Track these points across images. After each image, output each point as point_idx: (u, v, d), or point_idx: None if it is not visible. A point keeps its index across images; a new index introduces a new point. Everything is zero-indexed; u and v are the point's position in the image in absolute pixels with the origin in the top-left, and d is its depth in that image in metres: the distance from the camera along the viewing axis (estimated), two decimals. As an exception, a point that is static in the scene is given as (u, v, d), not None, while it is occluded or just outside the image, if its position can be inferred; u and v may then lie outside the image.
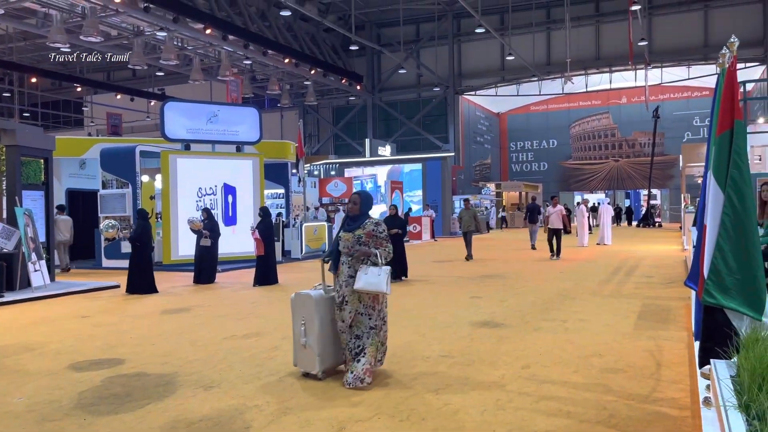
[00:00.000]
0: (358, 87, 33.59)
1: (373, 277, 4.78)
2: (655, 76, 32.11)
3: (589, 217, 22.05)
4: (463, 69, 35.06)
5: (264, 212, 11.71)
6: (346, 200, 25.47)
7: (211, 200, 14.95)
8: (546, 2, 32.03)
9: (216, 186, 15.15)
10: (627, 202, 41.85)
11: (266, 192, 17.49)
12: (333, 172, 30.75)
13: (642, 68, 29.28)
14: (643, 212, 34.82)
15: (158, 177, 16.05)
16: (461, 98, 35.26)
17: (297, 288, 10.67)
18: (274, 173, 18.15)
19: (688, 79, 32.56)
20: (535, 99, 38.03)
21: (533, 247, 18.67)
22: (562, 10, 27.91)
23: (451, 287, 10.77)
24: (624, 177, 39.65)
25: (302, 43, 30.20)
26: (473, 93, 35.73)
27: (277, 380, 5.12)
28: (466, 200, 17.44)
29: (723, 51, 3.91)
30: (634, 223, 36.72)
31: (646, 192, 36.43)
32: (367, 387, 4.82)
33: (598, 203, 25.77)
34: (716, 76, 4.02)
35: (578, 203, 23.52)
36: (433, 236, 25.19)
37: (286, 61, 26.46)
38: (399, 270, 11.47)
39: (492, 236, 27.42)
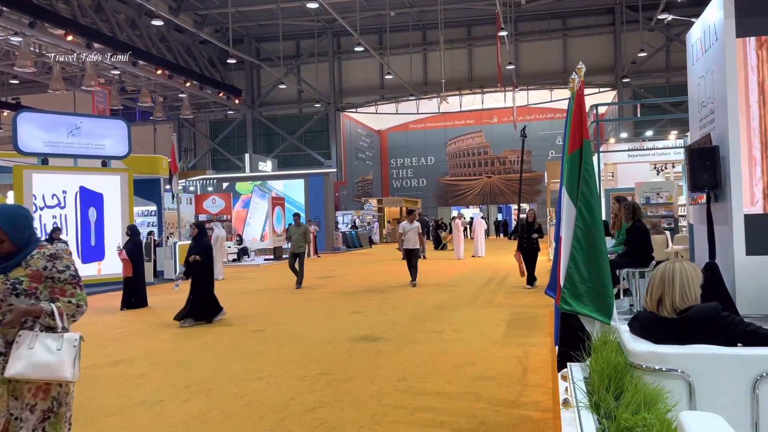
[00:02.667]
0: (237, 101, 32.85)
1: (43, 354, 2.63)
2: (522, 97, 34.36)
3: (465, 231, 22.99)
4: (344, 86, 35.45)
5: (132, 231, 11.02)
6: (226, 217, 24.70)
7: (60, 215, 13.73)
8: (422, 24, 33.26)
9: (65, 195, 13.87)
10: (500, 216, 44.26)
11: (137, 209, 16.50)
12: (210, 188, 29.69)
13: (510, 90, 31.21)
14: (514, 225, 37.00)
15: (10, 194, 14.61)
16: (343, 115, 35.59)
17: (168, 311, 10.18)
18: (145, 189, 17.18)
19: (551, 101, 35.15)
20: (413, 117, 39.26)
21: (423, 257, 19.07)
22: (437, 32, 29.14)
23: (332, 303, 10.73)
24: (496, 192, 41.88)
25: (176, 54, 29.04)
26: (354, 110, 36.22)
27: (143, 411, 4.79)
28: (296, 215, 14.66)
29: (573, 76, 4.24)
30: (500, 235, 38.94)
31: (516, 206, 38.73)
32: None
33: (473, 218, 27.01)
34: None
35: (453, 218, 24.48)
36: (316, 252, 25.06)
37: (159, 72, 25.29)
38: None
39: (374, 251, 27.80)
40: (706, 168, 7.02)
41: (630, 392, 2.62)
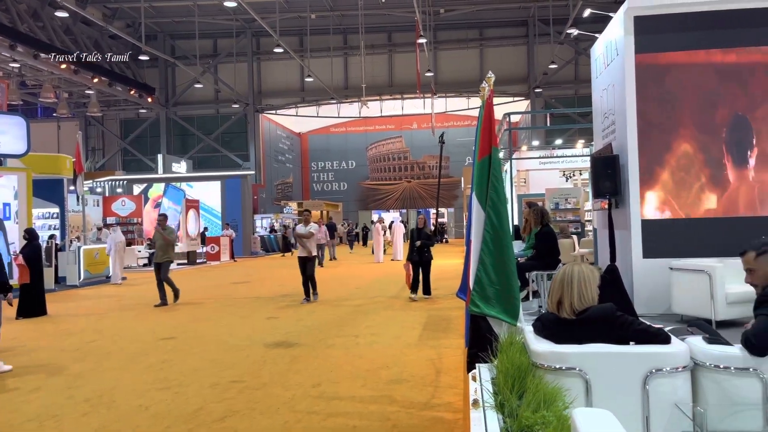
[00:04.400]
0: (150, 99, 31.56)
1: None
2: (441, 104, 35.11)
3: (384, 234, 23.17)
4: (263, 87, 34.88)
5: (30, 234, 10.32)
6: (137, 220, 23.62)
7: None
8: (342, 28, 33.30)
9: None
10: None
11: (36, 211, 15.45)
12: (120, 189, 28.32)
13: (429, 97, 31.80)
14: (432, 229, 37.70)
15: None
16: (262, 116, 34.99)
17: (69, 320, 9.61)
18: (47, 190, 16.13)
19: (468, 109, 36.13)
20: (334, 121, 39.22)
21: (320, 265, 18.85)
22: (358, 37, 29.27)
23: (248, 308, 10.48)
24: (416, 197, 42.53)
25: (83, 48, 27.53)
26: (274, 112, 35.71)
27: (36, 427, 4.47)
28: (162, 216, 11.87)
29: (483, 85, 4.35)
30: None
31: (434, 210, 39.51)
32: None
33: (393, 222, 27.27)
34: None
35: (373, 221, 24.63)
36: (232, 257, 24.45)
37: (63, 66, 23.87)
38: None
39: (293, 255, 27.47)
40: (608, 176, 7.45)
41: (531, 391, 2.71)
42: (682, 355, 2.90)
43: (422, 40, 25.24)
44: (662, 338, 3.00)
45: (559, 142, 26.87)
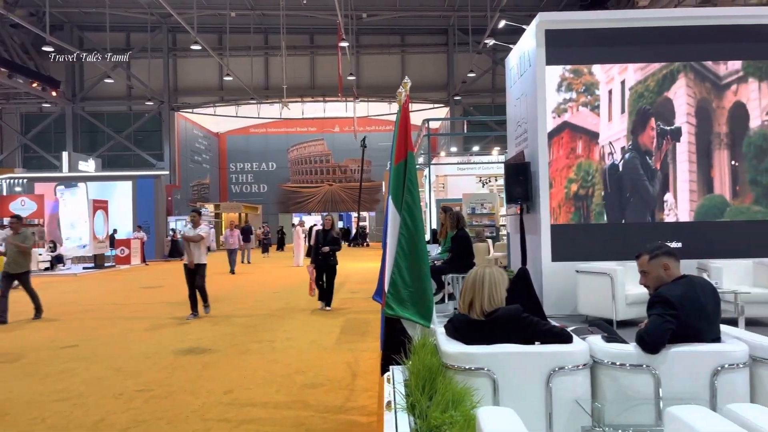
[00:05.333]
0: (54, 93, 29.75)
1: None
2: (363, 108, 35.26)
3: (305, 238, 22.94)
4: (179, 85, 33.71)
5: None
6: (38, 221, 22.16)
7: None
8: (263, 28, 32.77)
9: None
10: (340, 224, 44.87)
11: None
12: (19, 188, 26.46)
13: (351, 101, 31.87)
14: (354, 233, 37.76)
15: None
16: (178, 115, 33.79)
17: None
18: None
19: (390, 114, 36.49)
20: (254, 121, 38.48)
21: (232, 272, 18.18)
22: (279, 37, 28.90)
23: (157, 314, 10.07)
24: (337, 200, 42.44)
25: (-20, 35, 25.60)
26: (191, 110, 34.58)
27: None
28: (15, 219, 10.13)
29: (400, 90, 4.39)
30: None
31: (356, 214, 39.56)
32: (39, 438, 4.14)
33: (314, 225, 27.08)
34: (412, 113, 4.50)
35: (294, 225, 24.35)
36: (144, 260, 23.43)
37: (-43, 54, 22.09)
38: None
39: (208, 258, 26.65)
40: (520, 182, 7.71)
41: (441, 392, 2.75)
42: (582, 354, 3.03)
43: (344, 44, 25.28)
44: (565, 338, 3.13)
45: (476, 149, 27.65)
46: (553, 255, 7.45)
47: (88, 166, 28.57)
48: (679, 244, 7.07)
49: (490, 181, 20.61)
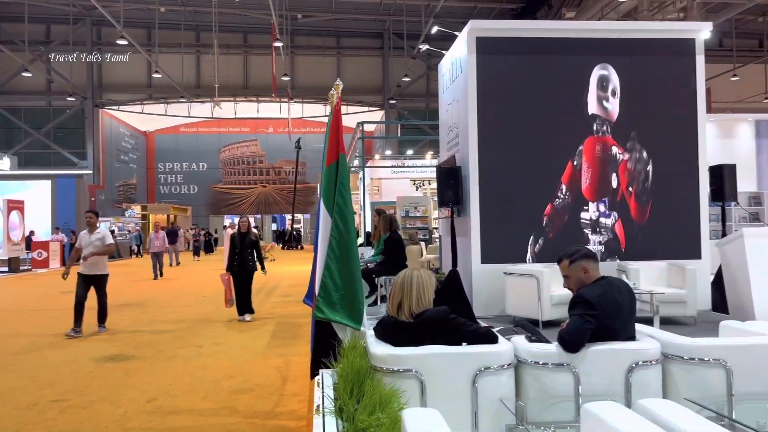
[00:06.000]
0: (-34, 86, 27.91)
1: None
2: (297, 110, 34.95)
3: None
4: (104, 81, 32.36)
5: None
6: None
7: None
8: (195, 25, 31.94)
9: None
10: (274, 226, 44.30)
11: None
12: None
13: (286, 101, 31.54)
14: (288, 235, 37.33)
15: None
16: (102, 112, 32.40)
17: None
18: None
19: (325, 115, 36.32)
20: (185, 120, 37.40)
21: (158, 276, 17.30)
22: (211, 35, 28.25)
23: (79, 320, 9.59)
24: (271, 202, 41.85)
25: None
26: (116, 108, 33.24)
27: None
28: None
29: (332, 92, 4.38)
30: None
31: (290, 216, 39.13)
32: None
33: (228, 227, 26.57)
34: (345, 115, 4.49)
35: (225, 227, 23.84)
36: (63, 263, 22.28)
37: None
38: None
39: (135, 261, 25.68)
40: (451, 186, 7.84)
41: (368, 394, 2.75)
42: (507, 354, 3.11)
43: (278, 44, 25.00)
44: (490, 338, 3.20)
45: (410, 152, 27.95)
46: (483, 257, 7.62)
47: (3, 163, 26.92)
48: (602, 247, 7.39)
49: (423, 184, 20.87)
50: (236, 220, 11.35)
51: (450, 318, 3.22)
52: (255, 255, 9.45)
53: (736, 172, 7.76)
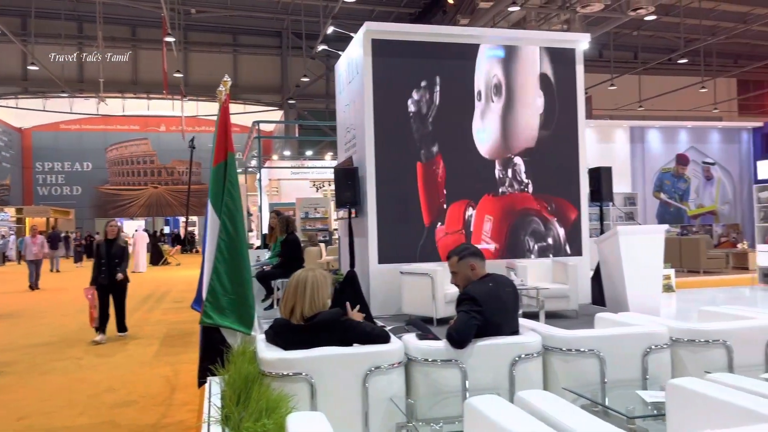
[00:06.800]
0: None
1: None
2: (191, 107, 33.64)
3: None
4: (-29, 71, 29.52)
5: None
6: None
7: None
8: (77, 15, 29.86)
9: None
10: (167, 229, 42.34)
11: None
12: None
13: (178, 99, 30.26)
14: (182, 238, 35.84)
15: None
16: (-30, 106, 29.54)
17: None
18: None
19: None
20: (66, 117, 34.87)
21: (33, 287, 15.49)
22: (95, 26, 26.53)
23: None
24: (163, 204, 39.99)
25: None
26: (-14, 101, 30.43)
27: None
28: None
29: (220, 88, 4.23)
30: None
31: (184, 219, 37.61)
32: None
33: (136, 230, 25.22)
34: (245, 114, 4.33)
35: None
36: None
37: None
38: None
39: (9, 269, 23.59)
40: (348, 187, 7.84)
41: (254, 400, 2.67)
42: (397, 353, 3.14)
43: (170, 39, 23.92)
44: (382, 338, 3.21)
45: (309, 153, 27.77)
46: (380, 257, 7.69)
47: None
48: (492, 246, 7.69)
49: (324, 185, 20.80)
50: (121, 223, 10.31)
51: (342, 320, 3.19)
52: (124, 265, 8.12)
53: (612, 174, 8.34)
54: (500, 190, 7.90)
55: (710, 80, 25.17)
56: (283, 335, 3.21)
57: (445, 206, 7.76)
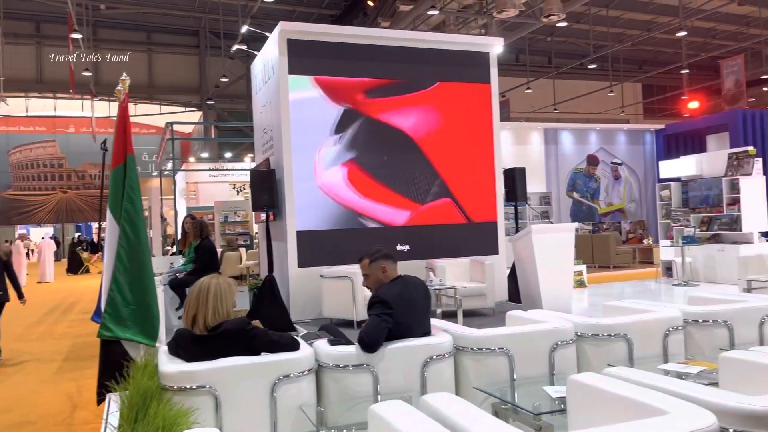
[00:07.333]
0: None
1: None
2: (103, 108, 32.01)
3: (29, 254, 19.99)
4: None
5: None
6: None
7: None
8: (-26, 8, 27.81)
9: None
10: (76, 235, 40.09)
11: None
12: None
13: (88, 99, 28.74)
14: (96, 244, 34.08)
15: None
16: None
17: None
18: None
19: (136, 115, 33.80)
20: (-38, 117, 32.38)
21: None
22: (-5, 21, 24.77)
23: None
24: (74, 209, 37.82)
25: None
26: None
27: None
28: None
29: (118, 87, 4.00)
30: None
31: (96, 225, 35.75)
32: None
33: (43, 237, 23.73)
34: (161, 115, 4.10)
35: (18, 238, 21.08)
36: None
37: None
38: None
39: None
40: (265, 189, 7.66)
41: (151, 417, 2.52)
42: (307, 360, 3.06)
43: (77, 35, 22.67)
44: (291, 346, 3.12)
45: (229, 155, 27.11)
46: (299, 261, 7.56)
47: None
48: (406, 246, 7.73)
49: (244, 188, 20.31)
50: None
51: (248, 328, 3.07)
52: (7, 279, 7.30)
53: (525, 174, 8.58)
54: (417, 190, 7.95)
55: (618, 85, 26.54)
56: (186, 347, 3.06)
57: (364, 207, 7.73)
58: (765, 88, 24.78)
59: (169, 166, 17.98)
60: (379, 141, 7.89)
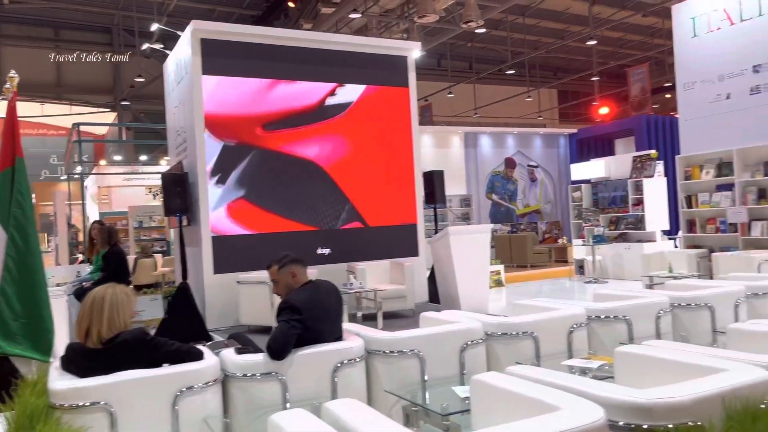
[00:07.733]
0: None
1: None
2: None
3: None
4: None
5: None
6: None
7: None
8: None
9: None
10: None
11: None
12: None
13: (-11, 98, 26.85)
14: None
15: None
16: None
17: None
18: None
19: (43, 116, 31.87)
20: None
21: None
22: None
23: None
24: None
25: None
26: None
27: None
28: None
29: (6, 86, 3.73)
30: None
31: None
32: None
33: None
34: (71, 115, 3.82)
35: None
36: None
37: None
38: None
39: None
40: (178, 193, 7.39)
41: (33, 441, 2.34)
42: (212, 370, 2.94)
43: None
44: (194, 356, 2.99)
45: (144, 158, 26.09)
46: (215, 267, 7.34)
47: None
48: (328, 250, 7.67)
49: (160, 192, 19.58)
50: None
51: (147, 339, 2.92)
52: None
53: (444, 177, 8.71)
54: (327, 217, 7.89)
55: (534, 90, 27.54)
56: (78, 361, 2.87)
57: (279, 210, 7.61)
58: (668, 95, 26.43)
59: (78, 169, 17.08)
60: (279, 172, 7.69)
